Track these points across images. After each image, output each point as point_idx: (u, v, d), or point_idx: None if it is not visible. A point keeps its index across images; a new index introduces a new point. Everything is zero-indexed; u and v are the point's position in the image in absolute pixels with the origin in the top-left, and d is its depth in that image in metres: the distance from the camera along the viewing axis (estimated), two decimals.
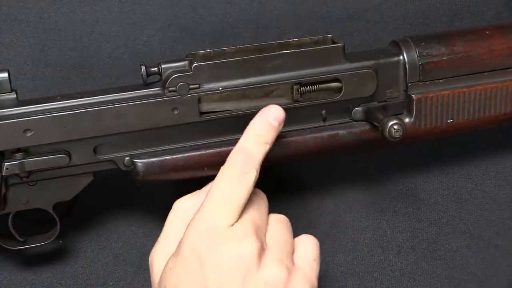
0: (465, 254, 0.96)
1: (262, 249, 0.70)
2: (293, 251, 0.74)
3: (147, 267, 0.90)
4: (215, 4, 0.89)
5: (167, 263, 0.72)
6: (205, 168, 0.79)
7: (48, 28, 0.86)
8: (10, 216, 0.80)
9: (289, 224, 0.76)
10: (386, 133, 0.77)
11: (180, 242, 0.71)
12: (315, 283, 0.73)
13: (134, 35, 0.88)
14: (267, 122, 0.75)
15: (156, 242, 0.75)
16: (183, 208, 0.75)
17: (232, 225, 0.70)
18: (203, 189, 0.77)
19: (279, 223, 0.75)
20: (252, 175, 0.71)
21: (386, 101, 0.82)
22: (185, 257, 0.70)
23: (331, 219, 0.94)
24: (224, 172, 0.72)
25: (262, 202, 0.75)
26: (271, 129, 0.75)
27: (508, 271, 0.97)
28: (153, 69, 0.77)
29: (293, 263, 0.72)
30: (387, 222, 0.96)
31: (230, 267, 0.68)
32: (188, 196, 0.76)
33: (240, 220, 0.70)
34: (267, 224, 0.74)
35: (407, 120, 0.82)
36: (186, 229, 0.71)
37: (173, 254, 0.71)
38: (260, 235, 0.71)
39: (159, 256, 0.74)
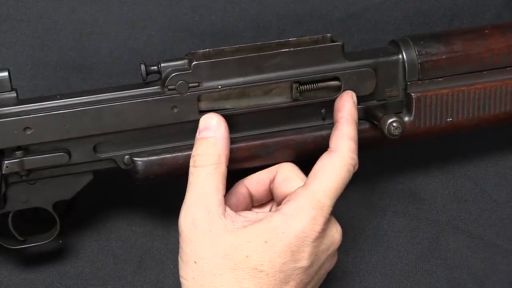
0: (465, 254, 0.96)
1: None
2: None
3: (147, 267, 0.90)
4: (215, 4, 0.89)
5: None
6: None
7: (48, 28, 0.87)
8: (10, 215, 0.81)
9: None
10: (385, 131, 0.77)
11: (287, 200, 0.75)
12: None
13: (134, 35, 0.88)
14: (355, 105, 0.79)
15: None
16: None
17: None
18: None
19: None
20: (357, 166, 0.77)
21: (385, 100, 0.82)
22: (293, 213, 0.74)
23: None
24: (340, 160, 0.76)
25: None
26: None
27: (508, 271, 0.97)
28: (152, 67, 0.77)
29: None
30: (387, 222, 0.96)
31: (326, 244, 0.76)
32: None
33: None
34: None
35: (406, 119, 0.82)
36: (293, 192, 0.76)
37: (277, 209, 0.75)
38: None
39: None
